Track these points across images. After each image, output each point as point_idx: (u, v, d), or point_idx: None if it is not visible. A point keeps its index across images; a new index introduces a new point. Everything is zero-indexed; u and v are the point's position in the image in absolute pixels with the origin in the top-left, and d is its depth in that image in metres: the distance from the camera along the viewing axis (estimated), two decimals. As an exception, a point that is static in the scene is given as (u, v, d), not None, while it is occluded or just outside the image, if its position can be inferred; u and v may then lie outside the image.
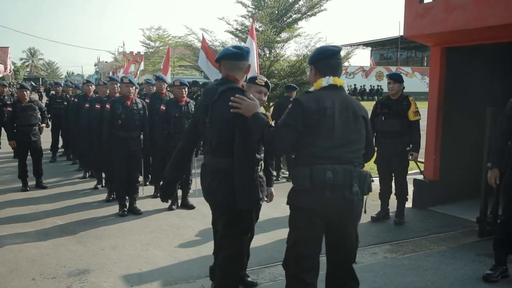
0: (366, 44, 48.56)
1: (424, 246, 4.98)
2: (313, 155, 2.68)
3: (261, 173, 3.26)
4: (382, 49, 54.75)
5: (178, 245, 5.02)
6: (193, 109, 6.39)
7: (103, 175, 7.32)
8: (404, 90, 5.98)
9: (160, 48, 24.09)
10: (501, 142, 4.03)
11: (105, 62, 52.81)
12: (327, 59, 2.86)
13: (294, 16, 13.30)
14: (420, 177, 6.86)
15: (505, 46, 6.07)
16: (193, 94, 11.50)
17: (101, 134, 6.49)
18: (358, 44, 31.41)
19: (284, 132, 2.68)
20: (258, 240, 5.13)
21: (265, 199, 3.63)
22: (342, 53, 14.06)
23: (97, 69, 56.85)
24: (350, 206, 2.69)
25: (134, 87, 6.09)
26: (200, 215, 6.13)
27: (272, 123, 3.05)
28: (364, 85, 43.47)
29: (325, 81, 2.82)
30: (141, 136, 6.17)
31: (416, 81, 42.82)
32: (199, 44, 13.78)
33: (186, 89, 6.39)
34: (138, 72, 16.03)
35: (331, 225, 2.76)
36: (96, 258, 4.59)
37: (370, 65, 47.05)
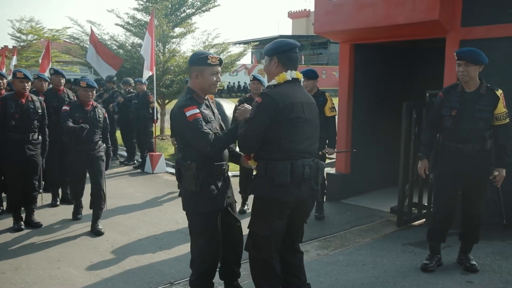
0: (246, 42, 49.43)
1: (351, 240, 5.02)
2: (290, 149, 2.83)
3: None
4: (262, 47, 56.13)
5: (95, 259, 4.45)
6: (100, 116, 5.38)
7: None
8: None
9: (33, 41, 21.92)
10: (430, 135, 4.17)
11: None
12: (290, 51, 2.94)
13: (188, 11, 12.97)
14: (332, 171, 7.02)
15: (412, 44, 6.42)
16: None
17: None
18: (240, 43, 31.83)
19: (251, 132, 2.84)
20: (182, 248, 4.75)
21: None
22: (238, 50, 14.09)
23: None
24: (315, 195, 3.02)
25: (30, 83, 5.30)
26: (113, 223, 5.55)
27: None
28: (246, 83, 44.20)
29: (288, 75, 2.92)
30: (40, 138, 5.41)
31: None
32: (86, 38, 12.77)
33: (94, 92, 5.39)
34: (12, 68, 14.34)
35: (295, 211, 2.98)
36: (-2, 284, 3.88)
37: (252, 63, 47.97)
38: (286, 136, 2.81)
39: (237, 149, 3.33)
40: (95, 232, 5.23)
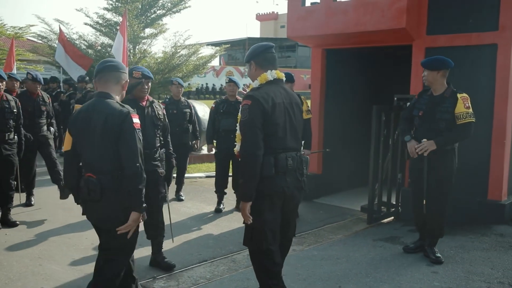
0: (217, 44, 49.39)
1: (324, 237, 5.26)
2: (274, 146, 3.01)
3: None
4: (230, 49, 56.35)
5: (77, 256, 4.53)
6: (160, 113, 4.14)
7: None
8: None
9: (-5, 39, 21.38)
10: (405, 127, 4.54)
11: None
12: (264, 53, 3.12)
13: (158, 11, 13.01)
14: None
15: (382, 50, 6.73)
16: (52, 90, 10.47)
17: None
18: (210, 44, 31.88)
19: (253, 132, 2.94)
20: (165, 244, 4.87)
21: None
22: (208, 51, 14.19)
23: None
24: (302, 186, 3.19)
25: (4, 82, 5.31)
26: (87, 222, 5.58)
27: None
28: (214, 84, 44.21)
29: (269, 75, 3.08)
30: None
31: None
32: (54, 37, 12.64)
33: (150, 84, 4.14)
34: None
35: (285, 203, 3.13)
36: (-20, 282, 3.90)
37: (220, 64, 48.05)
38: (271, 136, 2.98)
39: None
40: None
